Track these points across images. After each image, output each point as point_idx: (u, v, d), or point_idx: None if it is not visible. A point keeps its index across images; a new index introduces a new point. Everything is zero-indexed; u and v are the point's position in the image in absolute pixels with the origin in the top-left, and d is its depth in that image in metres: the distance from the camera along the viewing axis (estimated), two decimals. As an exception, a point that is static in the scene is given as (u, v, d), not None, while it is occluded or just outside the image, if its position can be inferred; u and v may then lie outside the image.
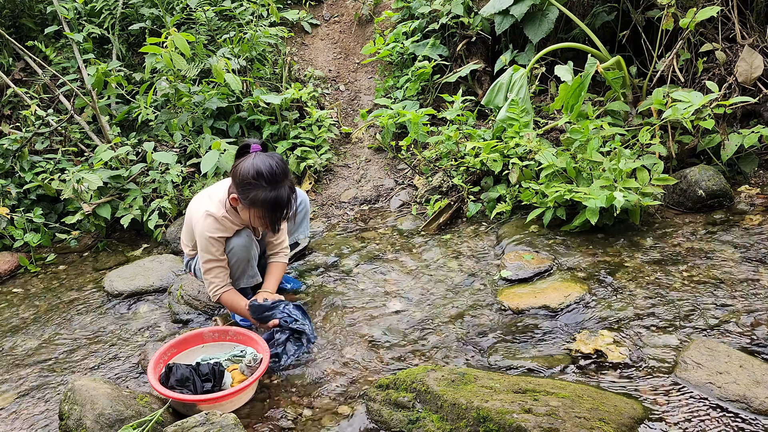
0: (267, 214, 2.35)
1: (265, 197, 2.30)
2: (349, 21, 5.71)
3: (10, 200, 4.00)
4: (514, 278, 2.89)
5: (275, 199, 2.30)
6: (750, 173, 3.46)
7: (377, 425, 2.06)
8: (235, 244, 2.53)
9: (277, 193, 2.30)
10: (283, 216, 2.38)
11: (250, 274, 2.67)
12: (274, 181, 2.29)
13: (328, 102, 5.10)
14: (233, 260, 2.58)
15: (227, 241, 2.53)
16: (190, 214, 2.61)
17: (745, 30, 3.60)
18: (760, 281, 2.59)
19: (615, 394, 2.02)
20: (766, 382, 1.96)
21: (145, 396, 2.18)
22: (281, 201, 2.32)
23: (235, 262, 2.58)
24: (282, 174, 2.32)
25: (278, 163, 2.33)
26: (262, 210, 2.34)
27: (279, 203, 2.32)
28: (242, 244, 2.54)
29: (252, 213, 2.39)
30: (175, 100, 4.27)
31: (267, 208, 2.32)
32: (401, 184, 4.29)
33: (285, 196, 2.32)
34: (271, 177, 2.29)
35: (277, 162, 2.33)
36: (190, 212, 2.62)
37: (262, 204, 2.31)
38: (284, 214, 2.37)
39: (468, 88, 4.63)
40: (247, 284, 2.71)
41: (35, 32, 5.12)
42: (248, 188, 2.32)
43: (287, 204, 2.34)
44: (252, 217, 2.41)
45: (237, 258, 2.57)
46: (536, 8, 4.12)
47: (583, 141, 3.29)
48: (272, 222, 2.38)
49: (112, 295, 3.25)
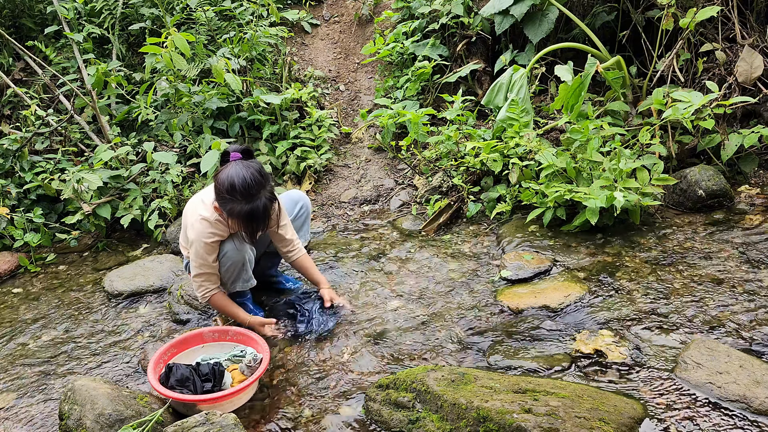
0: (244, 225, 2.37)
1: (240, 210, 2.30)
2: (349, 21, 5.71)
3: (10, 200, 4.00)
4: (514, 278, 2.89)
5: (249, 212, 2.31)
6: (750, 173, 3.46)
7: (377, 425, 2.06)
8: (228, 248, 2.53)
9: (252, 206, 2.29)
10: (261, 227, 2.40)
11: (245, 278, 2.66)
12: (248, 194, 2.28)
13: (328, 102, 5.10)
14: (227, 264, 2.56)
15: (221, 245, 2.53)
16: (186, 217, 2.61)
17: (745, 30, 3.60)
18: (760, 281, 2.59)
19: (615, 394, 2.02)
20: (766, 382, 1.96)
21: (145, 396, 2.18)
22: (256, 213, 2.31)
23: (229, 266, 2.57)
24: (256, 186, 2.29)
25: (253, 174, 2.30)
26: (239, 221, 2.36)
27: (254, 216, 2.32)
28: (235, 247, 2.54)
29: (232, 223, 2.42)
30: (175, 100, 4.27)
31: (242, 220, 2.33)
32: (401, 184, 4.29)
33: (260, 208, 2.31)
34: (244, 190, 2.28)
35: (252, 173, 2.30)
36: (185, 216, 2.63)
37: (237, 216, 2.33)
38: (261, 225, 2.38)
39: (468, 88, 4.63)
40: (242, 287, 2.70)
41: (35, 32, 5.12)
42: (225, 201, 2.34)
43: (263, 216, 2.34)
44: (234, 227, 2.45)
45: (231, 261, 2.56)
46: (536, 8, 4.12)
47: (583, 141, 3.29)
48: (249, 233, 2.40)
49: (112, 295, 3.25)
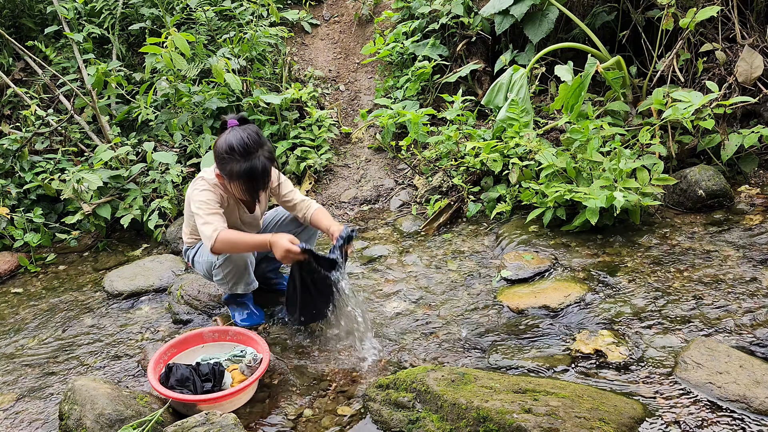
0: (244, 185, 2.39)
1: (239, 169, 2.33)
2: (349, 21, 5.71)
3: (10, 200, 4.00)
4: (514, 278, 2.89)
5: (249, 170, 2.34)
6: (750, 173, 3.46)
7: (377, 425, 2.06)
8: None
9: (251, 164, 2.33)
10: (262, 185, 2.41)
11: (247, 281, 2.66)
12: (247, 152, 2.33)
13: (328, 102, 5.10)
14: (229, 267, 2.56)
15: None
16: (188, 196, 2.61)
17: (745, 30, 3.60)
18: (760, 281, 2.59)
19: (615, 394, 2.02)
20: (766, 382, 1.96)
21: (145, 396, 2.18)
22: (255, 170, 2.34)
23: (231, 269, 2.57)
24: (254, 144, 2.35)
25: (250, 134, 2.36)
26: (239, 182, 2.38)
27: (253, 173, 2.35)
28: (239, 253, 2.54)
29: (233, 187, 2.44)
30: (175, 100, 4.27)
31: (243, 178, 2.36)
32: (401, 184, 4.29)
33: (259, 165, 2.35)
34: (243, 149, 2.32)
35: (249, 134, 2.35)
36: (187, 196, 2.62)
37: (237, 176, 2.35)
38: (260, 184, 2.40)
39: (468, 88, 4.63)
40: (245, 290, 2.70)
41: (35, 32, 5.12)
42: (224, 162, 2.37)
43: (262, 174, 2.37)
44: (236, 190, 2.45)
45: (233, 265, 2.56)
46: (536, 8, 4.12)
47: (583, 141, 3.29)
48: (250, 192, 2.41)
49: (112, 295, 3.25)
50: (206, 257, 2.61)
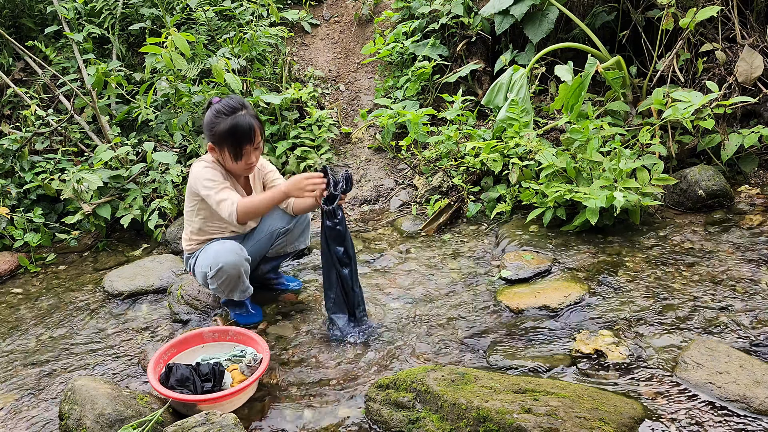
0: (232, 144, 2.41)
1: (225, 126, 2.40)
2: (349, 21, 5.71)
3: (10, 200, 3.99)
4: (514, 278, 2.89)
5: (235, 125, 2.39)
6: (750, 173, 3.46)
7: (377, 425, 2.06)
8: (224, 263, 2.51)
9: (236, 119, 2.40)
10: (248, 140, 2.42)
11: (241, 289, 2.65)
12: (232, 110, 2.41)
13: (328, 102, 5.10)
14: (223, 277, 2.55)
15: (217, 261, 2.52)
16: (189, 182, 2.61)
17: (745, 30, 3.60)
18: (760, 281, 2.59)
19: (615, 394, 2.02)
20: (766, 382, 1.96)
21: (145, 396, 2.18)
22: (241, 125, 2.40)
23: (225, 278, 2.55)
24: (237, 103, 2.44)
25: (233, 98, 2.46)
26: (228, 142, 2.41)
27: (239, 127, 2.40)
28: (231, 262, 2.52)
29: (225, 155, 2.46)
30: (175, 100, 4.27)
31: (230, 135, 2.40)
32: (401, 184, 4.29)
33: (244, 121, 2.40)
34: (226, 109, 2.42)
35: (231, 98, 2.47)
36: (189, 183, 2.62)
37: (225, 134, 2.40)
38: (246, 139, 2.42)
39: (468, 88, 4.63)
40: (240, 298, 2.70)
41: (35, 32, 5.12)
42: (213, 128, 2.43)
43: (248, 129, 2.41)
44: (228, 158, 2.47)
45: (227, 275, 2.54)
46: (536, 8, 4.13)
47: (583, 141, 3.29)
48: (239, 149, 2.42)
49: (112, 295, 3.25)
50: (200, 268, 2.61)
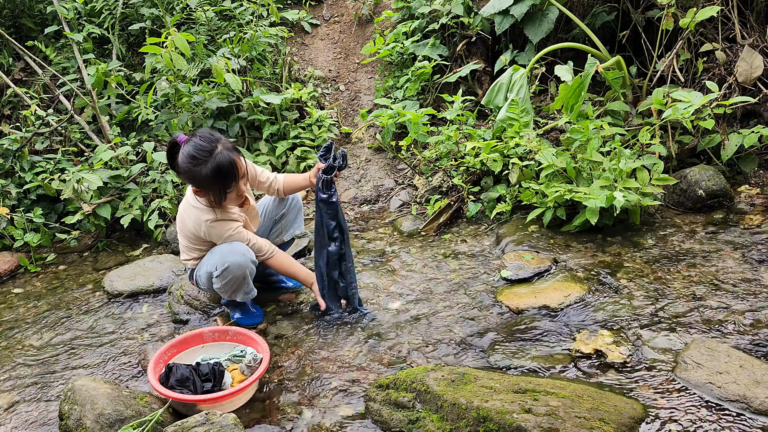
0: (219, 184, 2.39)
1: (207, 171, 2.35)
2: (349, 21, 5.71)
3: (10, 200, 4.00)
4: (514, 278, 2.89)
5: (217, 167, 2.35)
6: (750, 173, 3.46)
7: (377, 425, 2.06)
8: (230, 263, 2.51)
9: (216, 161, 2.35)
10: (234, 177, 2.40)
11: (245, 291, 2.64)
12: (207, 153, 2.35)
13: (328, 102, 5.10)
14: (228, 277, 2.54)
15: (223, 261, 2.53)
16: (183, 223, 2.58)
17: (745, 30, 3.60)
18: (760, 281, 2.59)
19: (615, 394, 2.02)
20: (766, 382, 1.96)
21: (145, 396, 2.18)
22: (223, 166, 2.36)
23: (230, 279, 2.55)
24: (210, 143, 2.36)
25: (202, 136, 2.37)
26: (214, 185, 2.39)
27: (222, 168, 2.36)
28: (237, 263, 2.51)
29: (213, 194, 2.44)
30: (175, 100, 4.27)
31: (214, 179, 2.37)
32: (401, 184, 4.29)
33: (224, 160, 2.36)
34: (201, 153, 2.34)
35: (200, 137, 2.37)
36: (182, 221, 2.59)
37: (209, 178, 2.36)
38: (231, 178, 2.40)
39: (468, 88, 4.63)
40: (243, 299, 2.69)
41: (35, 32, 5.12)
42: (193, 174, 2.37)
43: (230, 167, 2.37)
44: (217, 198, 2.45)
45: (232, 275, 2.54)
46: (536, 8, 4.13)
47: (583, 141, 3.29)
48: (223, 189, 2.41)
49: (112, 295, 3.25)
50: (205, 269, 2.60)
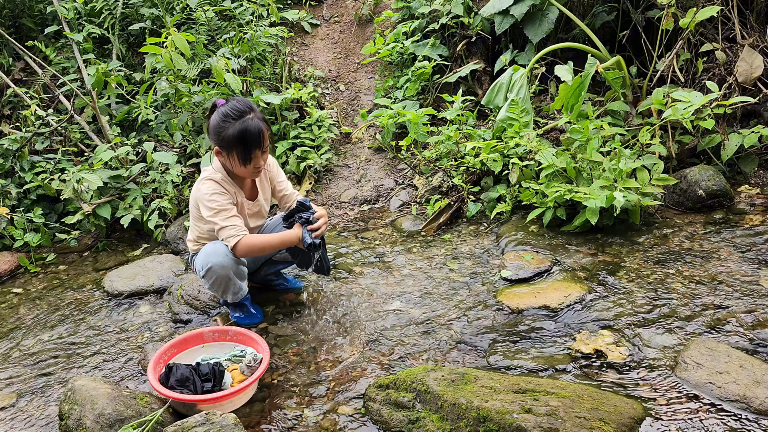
0: (242, 149, 2.38)
1: (234, 131, 2.35)
2: (349, 21, 5.71)
3: (10, 200, 3.99)
4: (514, 278, 2.89)
5: (244, 129, 2.35)
6: (750, 173, 3.46)
7: (377, 425, 2.06)
8: (213, 263, 2.50)
9: (245, 123, 2.35)
10: (258, 144, 2.39)
11: (234, 291, 2.63)
12: (240, 114, 2.36)
13: (328, 102, 5.10)
14: (213, 278, 2.54)
15: (207, 260, 2.52)
16: (193, 196, 2.59)
17: (745, 30, 3.60)
18: (760, 281, 2.59)
19: (615, 394, 2.02)
20: (766, 382, 1.96)
21: (145, 396, 2.18)
22: (250, 129, 2.35)
23: (215, 279, 2.55)
24: (245, 107, 2.38)
25: (240, 101, 2.40)
26: (237, 147, 2.38)
27: (248, 131, 2.35)
28: (219, 263, 2.51)
29: (233, 159, 2.42)
30: (175, 100, 4.27)
31: (239, 140, 2.36)
32: (401, 184, 4.29)
33: (253, 125, 2.36)
34: (235, 112, 2.36)
35: (238, 101, 2.40)
36: (193, 196, 2.60)
37: (233, 139, 2.36)
38: (255, 144, 2.39)
39: (468, 88, 4.63)
40: (234, 299, 2.69)
41: (35, 32, 5.12)
42: (220, 132, 2.38)
43: (257, 132, 2.37)
44: (236, 162, 2.43)
45: (216, 276, 2.53)
46: (536, 8, 4.13)
47: (583, 141, 3.29)
48: (247, 155, 2.40)
49: (112, 295, 3.25)
50: (197, 266, 2.61)
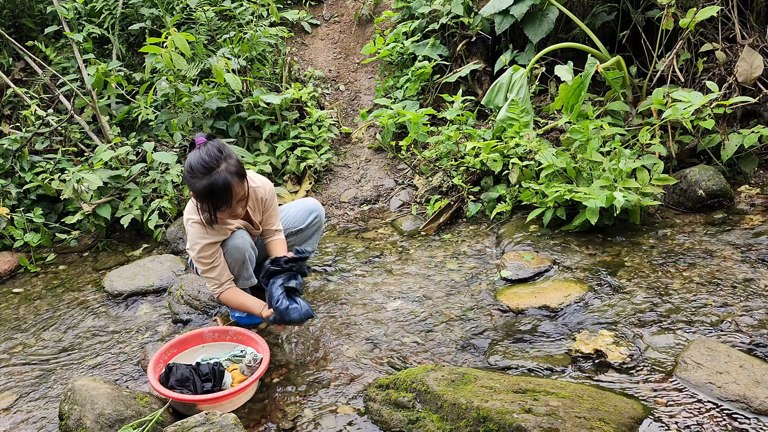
0: (208, 204, 2.35)
1: (200, 187, 2.30)
2: (349, 21, 5.71)
3: (10, 200, 3.99)
4: (514, 278, 2.89)
5: (208, 187, 2.29)
6: (750, 173, 3.46)
7: (377, 425, 2.06)
8: (229, 245, 2.53)
9: (209, 181, 2.28)
10: (224, 201, 2.34)
11: (245, 276, 2.66)
12: (205, 169, 2.29)
13: (328, 102, 5.10)
14: (228, 261, 2.57)
15: (223, 243, 2.53)
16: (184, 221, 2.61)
17: (745, 30, 3.60)
18: (760, 281, 2.59)
19: (615, 394, 2.02)
20: (766, 382, 1.96)
21: (145, 396, 2.18)
22: (215, 187, 2.29)
23: (229, 263, 2.57)
24: (213, 161, 2.29)
25: (209, 151, 2.31)
26: (205, 201, 2.35)
27: (213, 190, 2.30)
28: (236, 245, 2.53)
29: (202, 206, 2.40)
30: (175, 100, 4.27)
31: (204, 196, 2.33)
32: (401, 184, 4.29)
33: (218, 181, 2.29)
34: (200, 166, 2.29)
35: (208, 151, 2.30)
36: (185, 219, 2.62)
37: (199, 194, 2.33)
38: (222, 200, 2.34)
39: (468, 88, 4.63)
40: (243, 285, 2.70)
41: (35, 32, 5.12)
42: (188, 183, 2.35)
43: (222, 189, 2.30)
44: (203, 209, 2.41)
45: (231, 259, 2.56)
46: (536, 8, 4.12)
47: (583, 141, 3.29)
48: (210, 209, 2.36)
49: (112, 295, 3.25)
50: None
